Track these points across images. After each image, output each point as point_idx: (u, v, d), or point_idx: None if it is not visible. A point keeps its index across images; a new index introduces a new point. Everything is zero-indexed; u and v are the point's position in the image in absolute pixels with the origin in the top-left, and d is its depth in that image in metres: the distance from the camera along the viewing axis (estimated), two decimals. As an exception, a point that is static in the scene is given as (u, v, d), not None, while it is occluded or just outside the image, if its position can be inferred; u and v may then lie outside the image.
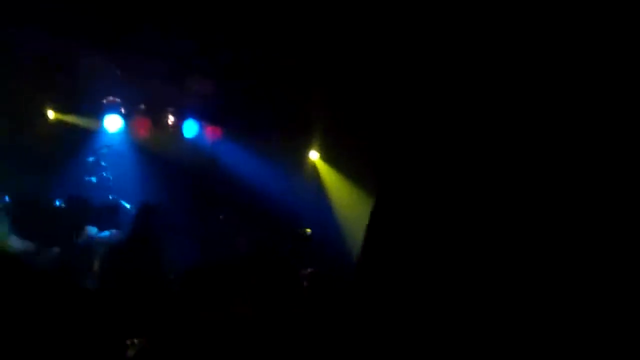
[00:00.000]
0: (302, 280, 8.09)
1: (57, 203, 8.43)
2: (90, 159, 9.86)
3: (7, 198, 8.53)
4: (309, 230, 9.11)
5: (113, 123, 10.21)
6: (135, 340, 6.57)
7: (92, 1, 8.44)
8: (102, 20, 8.80)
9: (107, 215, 8.81)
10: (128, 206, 9.15)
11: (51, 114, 9.95)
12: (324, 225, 9.67)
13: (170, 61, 10.03)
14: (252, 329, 7.54)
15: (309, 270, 8.11)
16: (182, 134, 10.70)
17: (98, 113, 10.18)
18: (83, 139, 10.29)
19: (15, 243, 7.31)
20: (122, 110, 10.34)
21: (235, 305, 7.61)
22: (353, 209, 9.26)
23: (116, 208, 9.08)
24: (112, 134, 10.27)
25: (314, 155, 10.97)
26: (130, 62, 10.05)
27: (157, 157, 10.61)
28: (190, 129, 10.72)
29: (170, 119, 10.72)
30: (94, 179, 9.72)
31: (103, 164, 9.87)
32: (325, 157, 10.91)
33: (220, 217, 9.86)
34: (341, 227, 9.57)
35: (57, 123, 10.02)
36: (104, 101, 10.25)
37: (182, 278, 7.21)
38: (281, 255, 8.65)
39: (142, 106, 10.59)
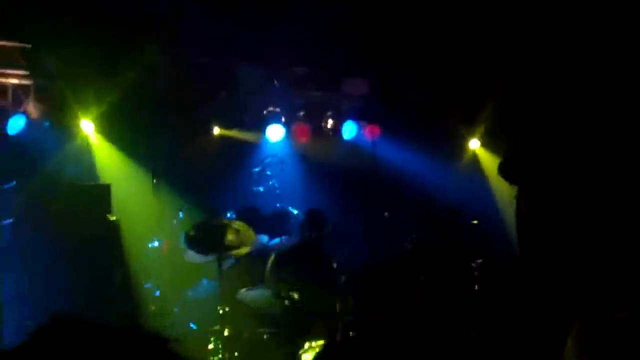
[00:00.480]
0: (473, 272, 8.02)
1: (229, 215, 8.75)
2: (256, 169, 10.14)
3: (181, 214, 8.97)
4: (475, 221, 8.97)
5: (275, 132, 10.47)
6: (313, 344, 6.73)
7: (248, 17, 8.73)
8: (256, 34, 9.07)
9: (277, 222, 9.07)
10: (295, 212, 9.35)
11: (216, 130, 10.32)
12: (488, 214, 9.46)
13: (325, 65, 10.20)
14: (429, 322, 7.52)
15: (478, 261, 8.02)
16: (341, 136, 10.81)
17: (260, 124, 10.47)
18: (247, 150, 10.61)
19: (192, 257, 7.67)
20: (283, 119, 10.59)
21: (410, 302, 7.63)
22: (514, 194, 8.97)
23: (285, 215, 9.32)
24: (275, 144, 10.53)
25: (474, 144, 10.76)
26: (288, 71, 10.31)
27: (319, 161, 10.77)
28: (349, 130, 10.81)
29: (329, 123, 10.87)
30: (261, 189, 10.00)
31: (268, 173, 10.12)
32: (488, 145, 10.66)
33: (386, 214, 9.86)
34: (506, 215, 9.31)
35: (222, 138, 10.37)
36: (265, 112, 10.53)
37: (356, 279, 7.34)
38: (449, 248, 8.57)
39: (301, 113, 10.80)
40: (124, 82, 8.63)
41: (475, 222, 8.95)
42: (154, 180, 7.83)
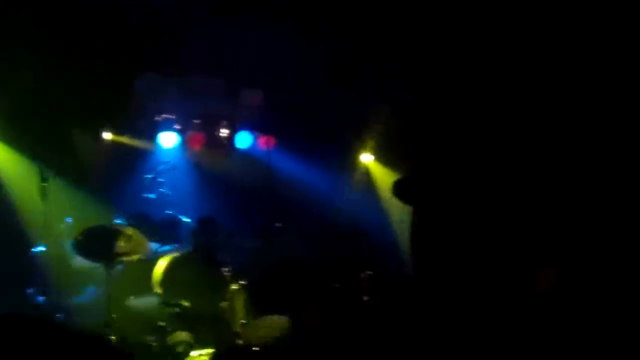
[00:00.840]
0: (361, 283, 8.17)
1: (119, 221, 8.59)
2: (148, 176, 10.01)
3: (69, 219, 8.76)
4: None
5: (168, 139, 10.41)
6: (202, 352, 6.70)
7: (143, 20, 8.64)
8: (154, 39, 8.99)
9: (167, 230, 8.98)
10: (187, 220, 9.28)
11: (107, 135, 10.18)
12: (379, 227, 9.67)
13: (223, 75, 10.19)
14: (320, 331, 7.60)
15: (367, 273, 8.18)
16: (236, 146, 10.84)
17: (153, 131, 10.38)
18: (140, 156, 10.48)
19: (79, 263, 7.50)
20: (177, 126, 10.53)
21: (301, 311, 7.70)
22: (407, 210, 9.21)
23: (175, 223, 9.24)
24: (168, 150, 10.45)
25: (366, 158, 10.97)
26: (184, 79, 10.24)
27: (213, 170, 10.76)
28: (244, 140, 10.85)
29: (224, 132, 10.87)
30: (152, 196, 9.87)
31: (160, 180, 10.00)
32: (380, 159, 10.88)
33: (278, 225, 9.92)
34: (396, 229, 9.54)
35: (114, 143, 10.23)
36: (158, 118, 10.45)
37: (249, 287, 7.36)
38: (340, 260, 8.70)
39: (196, 121, 10.77)
40: (16, 84, 8.41)
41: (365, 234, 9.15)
42: (43, 183, 7.60)
